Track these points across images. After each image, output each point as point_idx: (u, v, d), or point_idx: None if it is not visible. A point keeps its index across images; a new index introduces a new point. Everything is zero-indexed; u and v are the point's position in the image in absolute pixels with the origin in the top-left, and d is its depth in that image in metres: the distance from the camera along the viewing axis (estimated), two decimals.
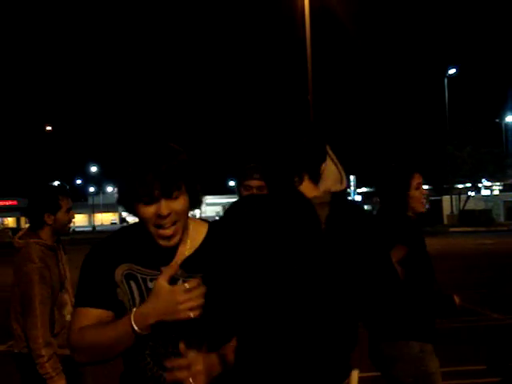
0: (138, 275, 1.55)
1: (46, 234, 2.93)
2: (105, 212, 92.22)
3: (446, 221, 40.52)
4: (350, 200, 1.99)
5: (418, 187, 2.90)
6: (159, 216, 1.46)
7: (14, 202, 72.64)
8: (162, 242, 1.50)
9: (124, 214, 69.71)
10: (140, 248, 1.57)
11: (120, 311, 1.53)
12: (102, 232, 51.76)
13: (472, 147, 36.54)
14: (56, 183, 3.13)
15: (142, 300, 1.51)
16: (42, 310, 2.79)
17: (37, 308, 2.78)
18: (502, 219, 41.40)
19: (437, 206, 41.40)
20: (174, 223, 1.49)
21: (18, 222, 72.64)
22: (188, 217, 1.57)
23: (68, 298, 2.99)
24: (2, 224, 71.34)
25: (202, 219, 1.71)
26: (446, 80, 38.34)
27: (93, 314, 1.55)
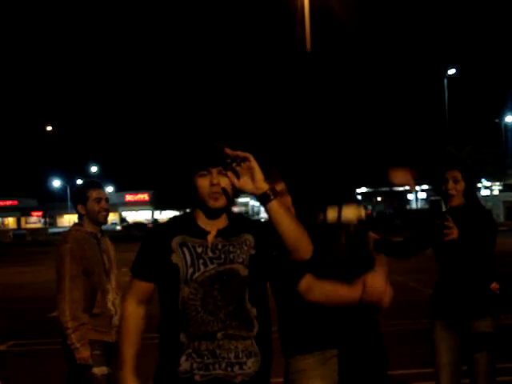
0: (189, 243, 2.07)
1: (86, 224, 3.34)
2: None
3: None
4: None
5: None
6: (212, 184, 2.05)
7: (15, 202, 72.68)
8: (212, 202, 2.06)
9: (124, 214, 69.85)
10: (189, 225, 2.13)
11: (173, 273, 2.03)
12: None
13: (472, 147, 36.55)
14: (88, 179, 3.58)
15: (193, 261, 2.03)
16: (70, 286, 3.13)
17: (66, 284, 3.13)
18: (501, 219, 41.42)
19: (437, 205, 41.45)
20: (220, 192, 2.06)
21: (18, 221, 72.71)
22: (232, 202, 2.16)
23: (111, 287, 3.31)
24: (3, 224, 71.43)
25: None
26: (445, 80, 38.35)
27: (142, 286, 2.14)
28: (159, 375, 2.08)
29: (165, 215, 66.18)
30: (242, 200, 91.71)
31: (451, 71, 38.25)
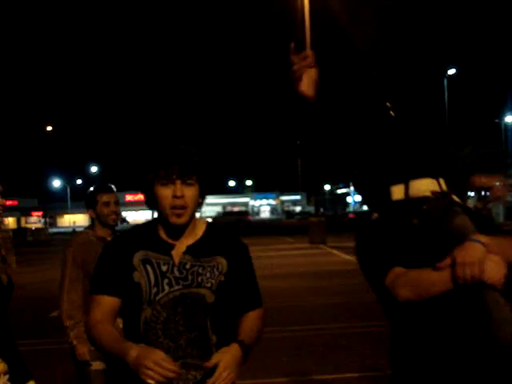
0: (153, 260, 1.88)
1: (97, 228, 3.44)
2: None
3: None
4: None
5: None
6: (174, 196, 1.82)
7: (15, 202, 72.60)
8: (174, 219, 1.85)
9: (124, 214, 69.82)
10: (152, 238, 1.92)
11: (135, 292, 1.85)
12: None
13: (472, 147, 36.52)
14: (99, 184, 3.67)
15: (156, 280, 1.84)
16: (69, 287, 3.30)
17: (65, 285, 3.31)
18: (501, 219, 41.39)
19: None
20: (184, 206, 1.84)
21: (18, 221, 72.68)
22: (195, 213, 1.92)
23: None
24: (3, 224, 71.21)
25: (201, 218, 2.04)
26: (445, 80, 38.32)
27: (106, 302, 1.88)
28: None
29: None
30: (241, 200, 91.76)
31: (451, 71, 38.23)
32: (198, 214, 1.99)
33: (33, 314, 9.00)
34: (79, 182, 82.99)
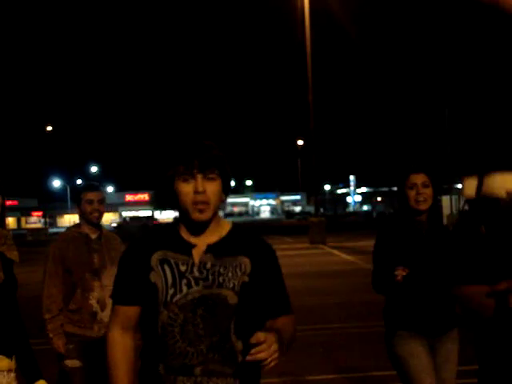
0: (172, 260, 1.79)
1: (83, 225, 3.51)
2: (105, 212, 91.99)
3: (445, 221, 40.47)
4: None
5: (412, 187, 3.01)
6: (196, 192, 1.74)
7: (15, 202, 72.59)
8: (196, 215, 1.75)
9: (124, 214, 69.68)
10: (172, 238, 1.84)
11: (152, 293, 1.77)
12: None
13: None
14: (80, 181, 3.74)
15: (174, 280, 1.76)
16: (48, 282, 3.44)
17: (45, 280, 3.46)
18: None
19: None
20: (207, 202, 1.75)
21: (18, 221, 72.66)
22: (218, 210, 1.84)
23: (98, 285, 3.42)
24: None
25: (227, 219, 1.97)
26: None
27: (125, 312, 1.85)
28: None
29: (165, 215, 66.44)
30: (241, 200, 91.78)
31: None
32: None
33: (32, 313, 8.99)
34: (79, 182, 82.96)
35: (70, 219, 74.89)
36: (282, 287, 1.93)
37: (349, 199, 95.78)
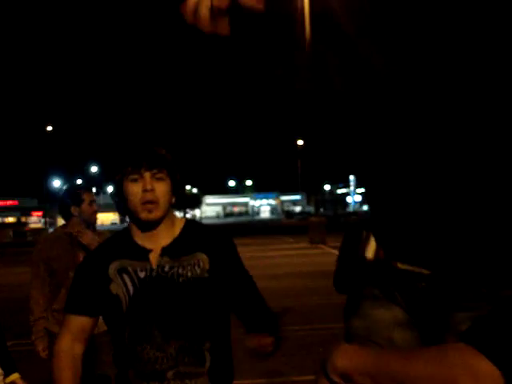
0: (130, 268, 1.79)
1: (75, 224, 3.46)
2: (105, 212, 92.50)
3: None
4: None
5: None
6: (144, 190, 1.74)
7: (15, 202, 72.64)
8: (145, 215, 1.76)
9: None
10: (127, 245, 1.83)
11: (115, 305, 1.77)
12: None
13: None
14: (79, 181, 3.78)
15: (135, 289, 1.76)
16: (33, 284, 3.42)
17: (31, 282, 3.44)
18: None
19: None
20: (155, 201, 1.75)
21: (18, 222, 72.56)
22: (170, 209, 1.83)
23: None
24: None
25: (180, 217, 1.97)
26: None
27: (76, 322, 1.84)
28: None
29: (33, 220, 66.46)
30: (241, 200, 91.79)
31: None
32: (197, 214, 1.92)
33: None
34: (79, 182, 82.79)
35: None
36: (246, 275, 1.93)
37: (349, 199, 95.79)
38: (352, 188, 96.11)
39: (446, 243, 1.16)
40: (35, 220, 75.09)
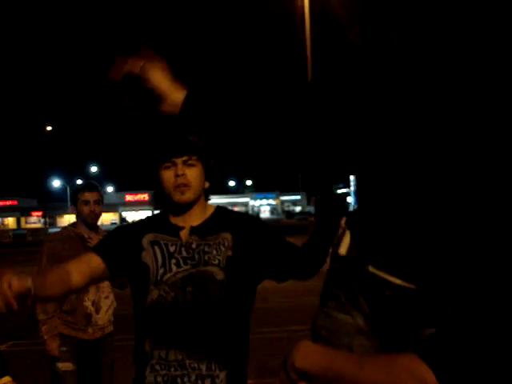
0: (161, 241, 1.92)
1: (78, 224, 3.48)
2: (105, 212, 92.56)
3: None
4: None
5: None
6: (177, 175, 1.89)
7: (14, 202, 72.63)
8: (178, 196, 1.89)
9: (124, 215, 69.73)
10: (162, 223, 1.97)
11: (143, 273, 1.89)
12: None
13: None
14: (80, 181, 3.73)
15: (163, 260, 1.88)
16: None
17: None
18: None
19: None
20: (187, 184, 1.89)
21: (18, 221, 72.62)
22: (203, 194, 1.98)
23: (93, 287, 3.32)
24: (3, 224, 71.32)
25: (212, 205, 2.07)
26: None
27: (90, 257, 1.92)
28: None
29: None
30: (241, 200, 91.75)
31: None
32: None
33: (32, 313, 8.98)
34: (79, 182, 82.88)
35: (69, 219, 74.50)
36: (283, 243, 2.03)
37: (349, 199, 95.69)
38: (352, 188, 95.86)
39: (420, 256, 1.14)
40: (35, 220, 75.10)
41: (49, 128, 59.44)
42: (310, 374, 1.04)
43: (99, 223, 3.58)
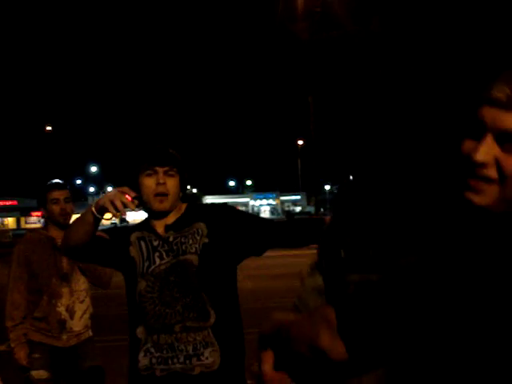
0: (146, 237, 2.13)
1: (50, 228, 3.29)
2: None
3: None
4: None
5: None
6: (158, 183, 2.06)
7: (14, 202, 72.60)
8: (157, 205, 2.08)
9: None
10: (145, 224, 2.19)
11: (131, 266, 2.10)
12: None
13: None
14: (79, 181, 3.53)
15: (148, 254, 2.09)
16: (12, 287, 3.14)
17: (12, 284, 3.16)
18: None
19: None
20: (166, 193, 2.07)
21: (18, 222, 72.58)
22: (178, 202, 2.15)
23: (67, 291, 3.18)
24: (2, 224, 71.30)
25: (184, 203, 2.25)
26: None
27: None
28: (128, 374, 2.10)
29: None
30: (242, 200, 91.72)
31: None
32: None
33: None
34: (79, 182, 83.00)
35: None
36: (255, 220, 2.19)
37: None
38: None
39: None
40: (34, 220, 75.10)
41: (49, 128, 59.41)
42: (268, 337, 1.18)
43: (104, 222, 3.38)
